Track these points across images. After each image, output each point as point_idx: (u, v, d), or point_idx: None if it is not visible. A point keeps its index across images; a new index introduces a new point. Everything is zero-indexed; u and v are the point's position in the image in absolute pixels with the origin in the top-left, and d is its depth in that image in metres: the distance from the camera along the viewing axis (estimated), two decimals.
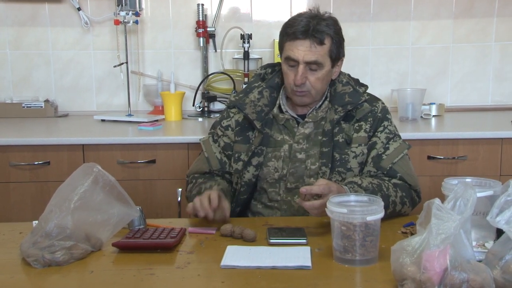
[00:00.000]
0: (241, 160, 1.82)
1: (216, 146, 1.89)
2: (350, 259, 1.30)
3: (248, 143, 1.83)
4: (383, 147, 1.78)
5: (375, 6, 3.15)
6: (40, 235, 1.36)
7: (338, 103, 1.80)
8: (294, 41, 1.73)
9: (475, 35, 3.16)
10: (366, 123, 1.80)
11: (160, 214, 2.49)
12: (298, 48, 1.73)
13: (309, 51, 1.72)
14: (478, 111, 3.13)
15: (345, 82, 1.84)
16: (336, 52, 1.78)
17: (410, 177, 1.76)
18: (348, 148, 1.77)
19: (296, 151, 1.80)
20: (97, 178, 1.45)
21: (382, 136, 1.79)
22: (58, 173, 2.49)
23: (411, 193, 1.74)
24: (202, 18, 3.05)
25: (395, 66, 3.20)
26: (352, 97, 1.80)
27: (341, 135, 1.78)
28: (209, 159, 1.88)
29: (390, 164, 1.75)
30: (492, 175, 2.48)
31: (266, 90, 1.86)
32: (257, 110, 1.82)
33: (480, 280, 1.06)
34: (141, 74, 3.19)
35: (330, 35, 1.75)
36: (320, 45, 1.73)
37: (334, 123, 1.78)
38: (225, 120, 1.90)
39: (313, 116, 1.81)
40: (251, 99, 1.83)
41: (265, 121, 1.83)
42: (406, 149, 1.79)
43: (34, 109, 3.10)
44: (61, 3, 3.15)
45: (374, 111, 1.81)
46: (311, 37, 1.72)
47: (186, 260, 1.37)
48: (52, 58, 3.21)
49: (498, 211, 1.17)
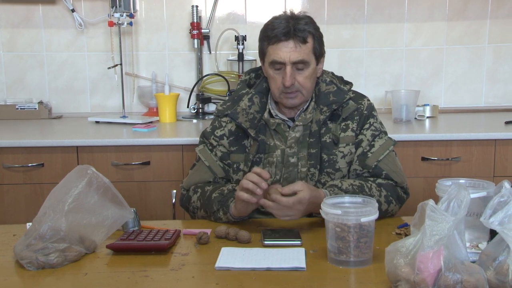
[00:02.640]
0: (241, 170, 1.79)
1: (214, 155, 1.83)
2: (344, 260, 1.31)
3: (245, 152, 1.80)
4: (368, 145, 1.77)
5: (369, 8, 3.16)
6: (34, 237, 1.36)
7: (323, 103, 1.79)
8: (278, 43, 1.72)
9: (469, 37, 3.18)
10: (352, 121, 1.79)
11: (154, 216, 2.49)
12: (282, 50, 1.72)
13: (294, 51, 1.71)
14: (471, 113, 3.15)
15: (328, 81, 1.83)
16: (319, 48, 1.78)
17: (396, 174, 1.76)
18: (336, 148, 1.76)
19: (289, 156, 1.78)
20: (91, 180, 1.45)
21: (368, 133, 1.79)
22: (52, 175, 2.49)
23: (396, 191, 1.73)
24: (197, 20, 3.05)
25: (389, 67, 3.21)
26: (336, 96, 1.79)
27: (328, 135, 1.77)
28: (212, 168, 1.81)
29: (375, 162, 1.74)
30: (485, 176, 2.49)
31: (256, 96, 1.84)
32: (250, 118, 1.80)
33: (473, 281, 1.07)
34: (136, 76, 3.19)
35: (311, 32, 1.75)
36: (304, 44, 1.73)
37: (320, 123, 1.77)
38: (218, 130, 1.85)
39: (303, 118, 1.80)
40: (243, 107, 1.81)
41: (258, 127, 1.81)
42: (391, 146, 1.79)
43: (28, 111, 3.09)
44: (55, 5, 3.14)
45: (360, 109, 1.80)
46: (294, 36, 1.71)
47: (181, 262, 1.37)
48: (46, 60, 3.20)
49: (491, 212, 1.17)
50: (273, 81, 1.78)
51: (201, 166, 1.84)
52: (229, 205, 1.64)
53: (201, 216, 1.75)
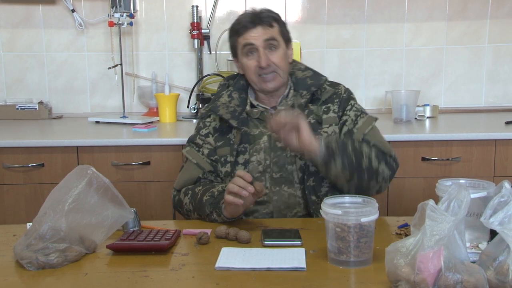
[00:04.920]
0: (228, 161, 1.83)
1: (201, 154, 1.87)
2: (344, 260, 1.31)
3: (230, 144, 1.85)
4: (352, 123, 1.84)
5: (369, 8, 3.16)
6: (34, 238, 1.36)
7: (302, 88, 1.88)
8: (246, 31, 1.83)
9: (469, 37, 3.18)
10: (333, 104, 1.87)
11: (154, 216, 2.49)
12: (251, 35, 1.82)
13: (263, 32, 1.82)
14: (471, 113, 3.15)
15: (304, 68, 1.94)
16: (286, 32, 1.89)
17: (383, 144, 1.81)
18: (320, 128, 1.83)
19: (276, 140, 1.80)
20: (91, 180, 1.45)
21: (352, 114, 1.86)
22: (52, 175, 2.49)
23: (385, 156, 1.77)
24: (197, 20, 3.05)
25: (389, 67, 3.21)
26: (314, 79, 1.89)
27: (311, 116, 1.84)
28: (199, 164, 1.85)
29: (361, 135, 1.80)
30: (485, 176, 2.49)
31: (234, 92, 1.91)
32: (230, 110, 1.86)
33: (474, 281, 1.07)
34: (136, 76, 3.19)
35: (275, 18, 1.86)
36: (271, 27, 1.83)
37: (302, 106, 1.85)
38: (203, 129, 1.91)
39: (285, 103, 1.88)
40: (223, 102, 1.88)
41: (241, 120, 1.86)
42: (374, 121, 1.86)
43: (28, 111, 3.09)
44: (55, 5, 3.14)
45: (338, 93, 1.90)
46: (260, 22, 1.82)
47: (181, 262, 1.37)
48: (46, 60, 3.20)
49: (491, 212, 1.17)
50: (248, 69, 1.86)
51: (189, 165, 1.88)
52: (220, 206, 1.65)
53: (196, 218, 1.76)
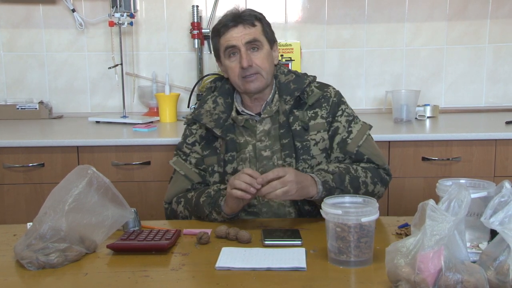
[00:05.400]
0: (216, 171, 1.81)
1: (188, 164, 1.85)
2: (344, 260, 1.31)
3: (216, 153, 1.82)
4: (346, 131, 1.79)
5: (369, 8, 3.16)
6: (34, 237, 1.36)
7: (286, 93, 1.82)
8: (227, 31, 1.78)
9: (469, 37, 3.18)
10: (321, 109, 1.81)
11: (154, 216, 2.48)
12: (233, 35, 1.77)
13: (245, 33, 1.77)
14: (472, 113, 3.15)
15: (287, 72, 1.88)
16: (270, 33, 1.83)
17: (377, 157, 1.79)
18: (307, 134, 1.78)
19: (261, 149, 1.80)
20: (91, 180, 1.45)
21: (343, 120, 1.81)
22: (53, 175, 2.49)
23: (379, 173, 1.76)
24: (197, 20, 3.05)
25: (389, 67, 3.21)
26: (296, 83, 1.83)
27: (297, 123, 1.79)
28: (187, 175, 1.83)
29: (356, 147, 1.77)
30: (486, 176, 2.49)
31: (219, 97, 1.87)
32: (214, 118, 1.81)
33: (474, 281, 1.07)
34: (136, 76, 3.19)
35: (258, 17, 1.81)
36: (253, 27, 1.78)
37: (287, 113, 1.80)
38: (189, 137, 1.88)
39: (268, 111, 1.82)
40: (206, 109, 1.83)
41: (226, 127, 1.82)
42: (368, 130, 1.82)
43: (28, 111, 3.09)
44: (55, 5, 3.14)
45: (326, 96, 1.83)
46: (242, 21, 1.77)
47: (181, 262, 1.37)
48: (46, 60, 3.20)
49: (492, 212, 1.17)
50: (231, 71, 1.81)
51: (177, 177, 1.86)
52: (220, 204, 1.65)
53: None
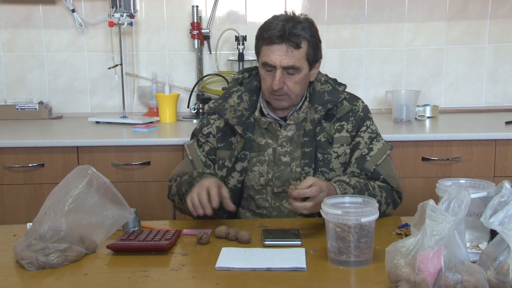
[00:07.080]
0: (225, 166, 1.80)
1: (201, 150, 1.85)
2: (344, 260, 1.31)
3: (231, 148, 1.81)
4: (366, 148, 1.78)
5: (369, 8, 3.16)
6: (34, 238, 1.36)
7: (318, 102, 1.79)
8: (271, 45, 1.71)
9: (469, 37, 3.18)
10: (347, 122, 1.79)
11: (154, 216, 2.49)
12: (274, 53, 1.71)
13: (286, 56, 1.70)
14: (472, 113, 3.15)
15: (323, 81, 1.84)
16: (313, 54, 1.76)
17: (393, 179, 1.77)
18: (330, 147, 1.77)
19: (281, 154, 1.78)
20: (91, 180, 1.45)
21: (365, 136, 1.80)
22: (52, 175, 2.49)
23: (393, 195, 1.75)
24: (197, 20, 3.05)
25: (389, 67, 3.21)
26: (331, 95, 1.80)
27: (322, 134, 1.77)
28: (194, 162, 1.83)
29: (374, 166, 1.75)
30: (486, 176, 2.49)
31: (245, 94, 1.84)
32: (238, 114, 1.80)
33: (474, 281, 1.07)
34: (136, 76, 3.19)
35: (307, 38, 1.72)
36: (297, 49, 1.71)
37: (315, 122, 1.77)
38: (206, 127, 1.86)
39: (295, 117, 1.80)
40: (231, 104, 1.81)
41: (247, 125, 1.81)
42: (388, 150, 1.80)
43: (28, 111, 3.09)
44: (55, 5, 3.14)
45: (355, 110, 1.81)
46: (287, 41, 1.69)
47: (181, 262, 1.37)
48: (46, 60, 3.20)
49: (491, 212, 1.17)
50: (263, 81, 1.78)
51: (186, 160, 1.88)
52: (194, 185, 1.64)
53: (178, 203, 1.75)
